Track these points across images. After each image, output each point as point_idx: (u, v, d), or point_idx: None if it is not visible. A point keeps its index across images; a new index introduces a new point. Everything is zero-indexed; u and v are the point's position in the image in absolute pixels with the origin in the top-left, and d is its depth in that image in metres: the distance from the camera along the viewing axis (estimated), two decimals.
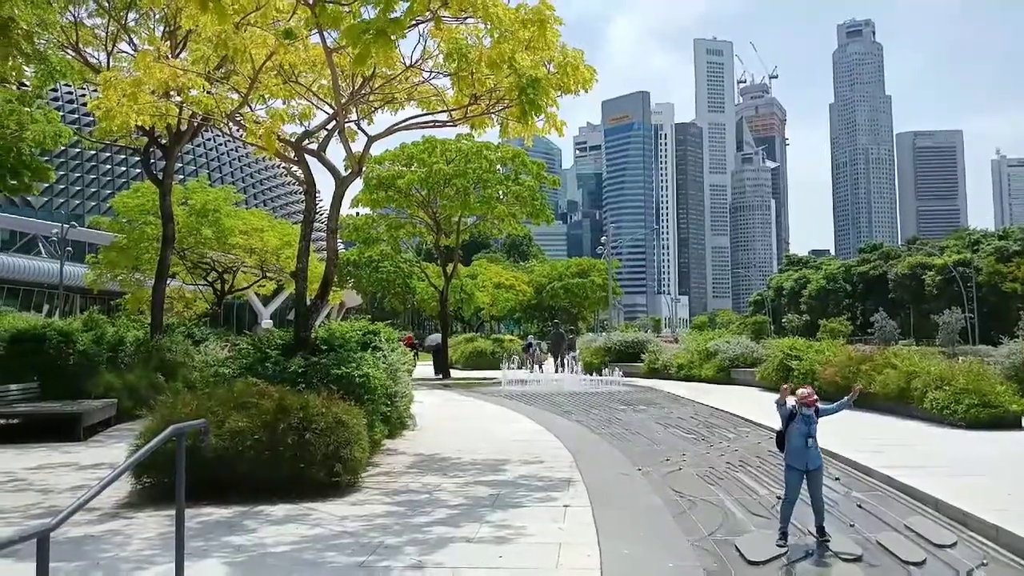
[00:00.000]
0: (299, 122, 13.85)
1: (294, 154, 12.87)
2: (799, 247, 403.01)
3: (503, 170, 31.96)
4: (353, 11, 9.82)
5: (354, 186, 19.21)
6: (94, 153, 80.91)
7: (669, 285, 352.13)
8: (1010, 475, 9.67)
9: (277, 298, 70.09)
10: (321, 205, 51.00)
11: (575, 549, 6.56)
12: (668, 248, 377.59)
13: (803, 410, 7.04)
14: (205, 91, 11.85)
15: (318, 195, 13.57)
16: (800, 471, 7.00)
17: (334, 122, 12.79)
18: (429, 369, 34.55)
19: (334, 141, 13.38)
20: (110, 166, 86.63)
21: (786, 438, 7.11)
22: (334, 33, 11.00)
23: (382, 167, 30.85)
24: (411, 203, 32.10)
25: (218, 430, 8.21)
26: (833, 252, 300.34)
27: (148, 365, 17.60)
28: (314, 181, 13.09)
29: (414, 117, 13.40)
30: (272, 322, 69.77)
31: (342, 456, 8.78)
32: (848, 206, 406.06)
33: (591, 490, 9.00)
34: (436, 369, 33.94)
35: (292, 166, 13.34)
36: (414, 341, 38.86)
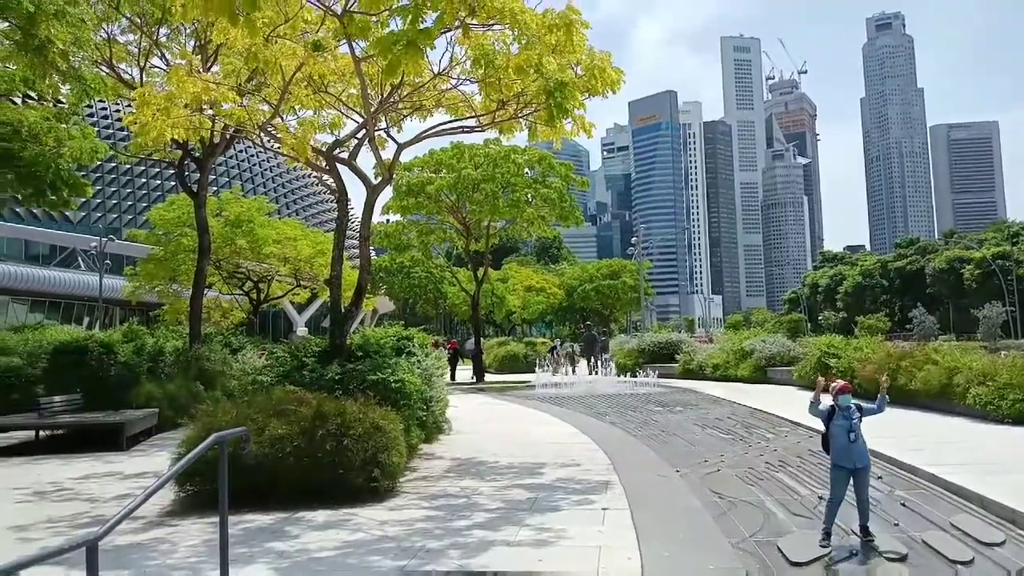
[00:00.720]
0: (329, 131, 13.98)
1: (325, 163, 13.00)
2: (833, 243, 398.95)
3: (531, 173, 32.00)
4: (381, 21, 9.92)
5: (384, 193, 19.40)
6: (130, 167, 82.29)
7: (702, 285, 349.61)
8: None
9: (311, 306, 70.71)
10: (352, 213, 51.36)
11: (615, 552, 6.54)
12: (700, 247, 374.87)
13: (839, 400, 6.94)
14: (237, 104, 12.02)
15: (349, 203, 13.67)
16: (847, 470, 6.88)
17: (364, 131, 12.88)
18: (469, 373, 34.83)
19: (364, 149, 13.48)
20: (145, 180, 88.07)
21: (830, 437, 7.01)
22: (362, 43, 11.11)
23: (411, 174, 31.07)
24: (441, 209, 32.28)
25: (258, 437, 8.31)
26: (868, 247, 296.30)
27: (187, 374, 17.85)
28: (346, 189, 13.21)
29: (442, 124, 13.44)
30: (307, 330, 70.43)
31: (380, 461, 8.83)
32: (882, 201, 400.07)
33: (629, 492, 8.96)
34: (473, 373, 34.22)
35: (324, 175, 13.47)
36: (457, 347, 39.22)
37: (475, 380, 32.66)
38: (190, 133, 13.45)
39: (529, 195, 31.09)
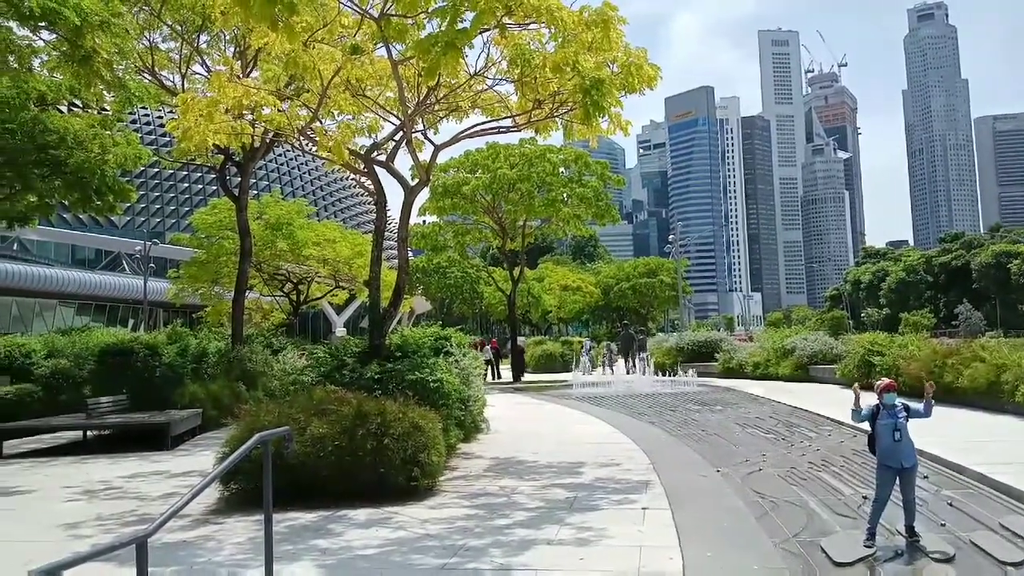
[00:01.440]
0: (367, 134, 14.12)
1: (364, 166, 13.12)
2: (875, 239, 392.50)
3: (566, 172, 31.97)
4: (417, 23, 9.99)
5: (421, 195, 19.49)
6: (172, 172, 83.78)
7: (741, 282, 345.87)
8: None
9: (349, 307, 71.33)
10: (390, 215, 51.76)
11: (656, 552, 6.51)
12: (738, 244, 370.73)
13: (884, 398, 6.83)
14: (277, 108, 12.19)
15: (387, 206, 13.79)
16: (894, 470, 6.74)
17: (401, 133, 12.98)
18: (509, 373, 34.98)
19: (401, 151, 13.58)
20: (188, 184, 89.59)
21: (875, 437, 6.90)
22: (399, 46, 11.20)
23: (447, 175, 31.22)
24: (476, 209, 32.40)
25: (300, 436, 8.44)
26: (912, 243, 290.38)
27: (230, 375, 18.15)
28: (384, 192, 13.32)
29: (478, 124, 13.49)
30: (346, 330, 71.06)
31: (420, 460, 8.90)
32: (926, 195, 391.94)
33: (669, 492, 8.91)
34: (512, 372, 34.34)
35: (362, 178, 13.60)
36: (498, 347, 39.35)
37: (513, 379, 32.72)
38: (231, 138, 13.65)
39: (565, 194, 31.08)
